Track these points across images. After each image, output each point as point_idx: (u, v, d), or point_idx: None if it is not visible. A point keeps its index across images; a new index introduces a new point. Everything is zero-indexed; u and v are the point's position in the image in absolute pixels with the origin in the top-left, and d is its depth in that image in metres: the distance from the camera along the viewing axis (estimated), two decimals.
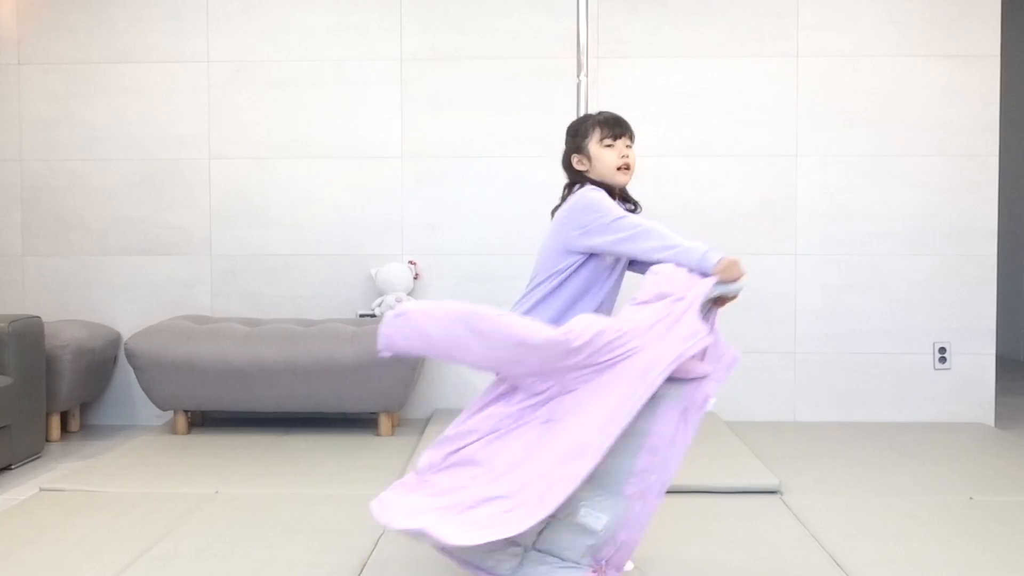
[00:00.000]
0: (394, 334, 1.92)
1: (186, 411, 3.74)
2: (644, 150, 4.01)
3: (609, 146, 2.17)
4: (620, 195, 2.24)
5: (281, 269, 4.10)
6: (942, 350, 3.99)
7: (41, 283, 4.13)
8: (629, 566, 2.25)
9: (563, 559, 1.95)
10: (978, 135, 3.97)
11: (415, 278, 4.02)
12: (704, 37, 4.00)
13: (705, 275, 1.97)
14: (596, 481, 1.89)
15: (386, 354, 1.95)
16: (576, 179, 2.21)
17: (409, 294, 3.96)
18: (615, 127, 2.18)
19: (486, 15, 4.02)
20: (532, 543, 1.96)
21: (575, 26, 3.22)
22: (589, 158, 2.18)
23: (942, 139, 3.98)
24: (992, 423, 3.97)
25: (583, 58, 3.15)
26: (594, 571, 1.95)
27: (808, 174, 4.01)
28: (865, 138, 3.99)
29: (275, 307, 4.09)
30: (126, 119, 4.09)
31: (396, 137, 4.06)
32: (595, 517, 1.92)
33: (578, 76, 3.14)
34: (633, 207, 2.26)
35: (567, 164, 2.22)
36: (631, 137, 2.21)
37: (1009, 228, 5.53)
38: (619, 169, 2.17)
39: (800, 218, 4.02)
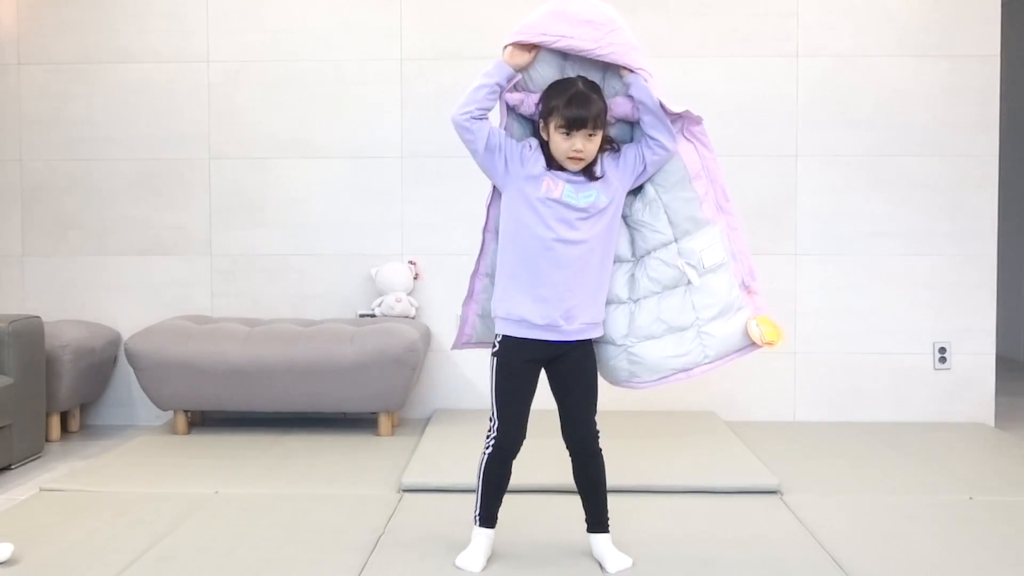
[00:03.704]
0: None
1: (186, 411, 3.74)
2: None
3: (565, 135, 2.13)
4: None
5: (281, 269, 4.10)
6: (942, 350, 3.99)
7: (41, 283, 4.13)
8: (627, 562, 2.25)
9: None
10: (978, 135, 3.97)
11: (415, 278, 4.02)
12: (704, 37, 4.00)
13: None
14: None
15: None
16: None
17: (409, 294, 3.96)
18: (573, 121, 2.11)
19: (486, 15, 4.02)
20: None
21: None
22: (548, 133, 2.17)
23: (942, 139, 3.98)
24: (992, 423, 3.97)
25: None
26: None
27: (808, 174, 4.01)
28: (865, 138, 3.99)
29: (275, 307, 4.09)
30: (126, 119, 4.09)
31: (396, 137, 4.06)
32: None
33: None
34: (611, 146, 2.24)
35: (537, 125, 2.23)
36: (596, 124, 2.13)
37: (1009, 228, 5.52)
38: (569, 158, 2.15)
39: (800, 218, 4.02)
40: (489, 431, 2.24)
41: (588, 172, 2.19)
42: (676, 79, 4.02)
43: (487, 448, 2.23)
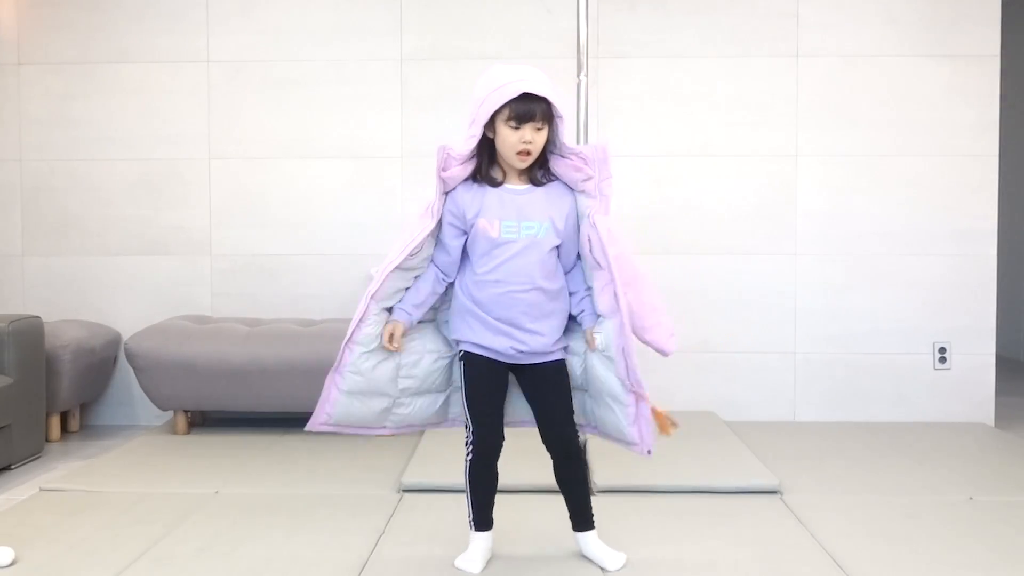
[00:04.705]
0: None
1: (186, 411, 3.74)
2: (644, 150, 4.03)
3: (514, 128, 2.08)
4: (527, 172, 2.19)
5: (281, 269, 4.10)
6: (942, 350, 3.99)
7: (41, 283, 4.13)
8: (624, 557, 2.25)
9: None
10: (978, 135, 3.97)
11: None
12: (704, 37, 4.00)
13: None
14: None
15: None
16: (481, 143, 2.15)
17: None
18: (522, 112, 2.06)
19: (486, 15, 4.02)
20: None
21: (575, 26, 3.21)
22: (495, 131, 2.12)
23: (942, 139, 3.98)
24: (992, 423, 3.97)
25: (583, 58, 3.14)
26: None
27: (808, 174, 4.01)
28: (865, 138, 3.99)
29: (275, 307, 4.09)
30: (126, 119, 4.09)
31: (396, 137, 4.06)
32: None
33: (578, 76, 3.14)
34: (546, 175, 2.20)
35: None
36: (544, 118, 2.08)
37: (1009, 228, 5.52)
38: (518, 153, 2.11)
39: (800, 218, 4.02)
40: (467, 437, 2.22)
41: (532, 177, 2.18)
42: (676, 79, 4.03)
43: (468, 455, 2.21)
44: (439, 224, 2.18)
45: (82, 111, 4.09)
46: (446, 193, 2.18)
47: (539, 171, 2.19)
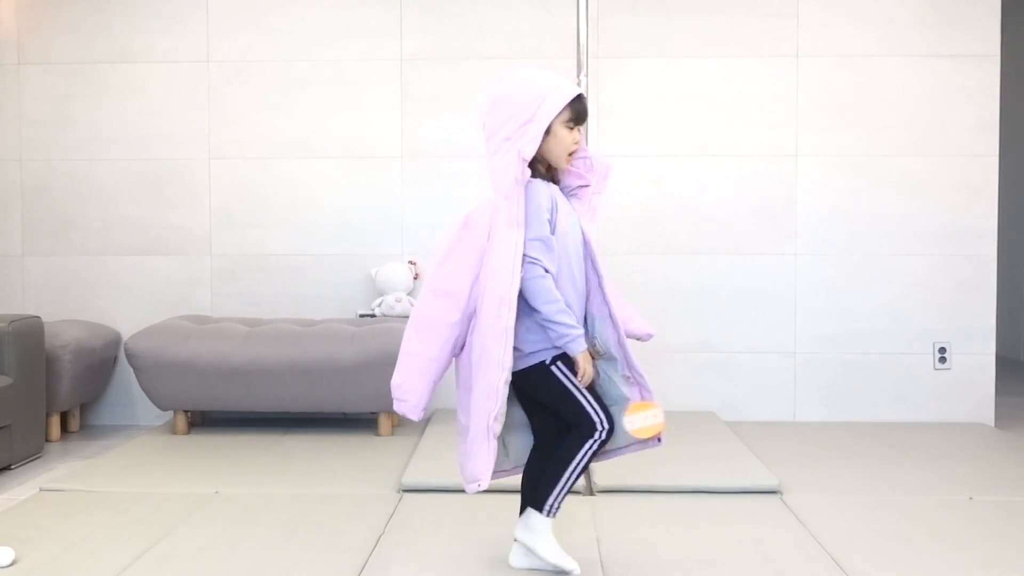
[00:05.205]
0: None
1: (186, 411, 3.74)
2: (644, 150, 4.03)
3: (570, 129, 2.15)
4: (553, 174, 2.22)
5: (281, 269, 4.10)
6: (942, 350, 3.99)
7: (41, 283, 4.13)
8: (576, 569, 2.22)
9: None
10: (978, 135, 3.97)
11: (415, 278, 4.02)
12: (704, 37, 4.00)
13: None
14: None
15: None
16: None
17: (409, 294, 3.96)
18: (581, 113, 2.16)
19: (486, 15, 4.02)
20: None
21: (575, 26, 3.22)
22: (549, 132, 2.13)
23: (942, 139, 3.98)
24: (992, 423, 3.97)
25: (583, 58, 3.15)
26: None
27: (808, 174, 4.01)
28: (865, 138, 3.99)
29: (275, 307, 4.09)
30: (126, 119, 4.09)
31: (396, 137, 4.07)
32: None
33: (578, 76, 3.14)
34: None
35: None
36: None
37: (1009, 228, 5.52)
38: (570, 154, 2.17)
39: (800, 218, 4.02)
40: (588, 427, 2.11)
41: (556, 178, 2.22)
42: (676, 79, 4.03)
43: (595, 441, 2.11)
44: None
45: (82, 111, 4.09)
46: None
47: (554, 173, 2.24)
